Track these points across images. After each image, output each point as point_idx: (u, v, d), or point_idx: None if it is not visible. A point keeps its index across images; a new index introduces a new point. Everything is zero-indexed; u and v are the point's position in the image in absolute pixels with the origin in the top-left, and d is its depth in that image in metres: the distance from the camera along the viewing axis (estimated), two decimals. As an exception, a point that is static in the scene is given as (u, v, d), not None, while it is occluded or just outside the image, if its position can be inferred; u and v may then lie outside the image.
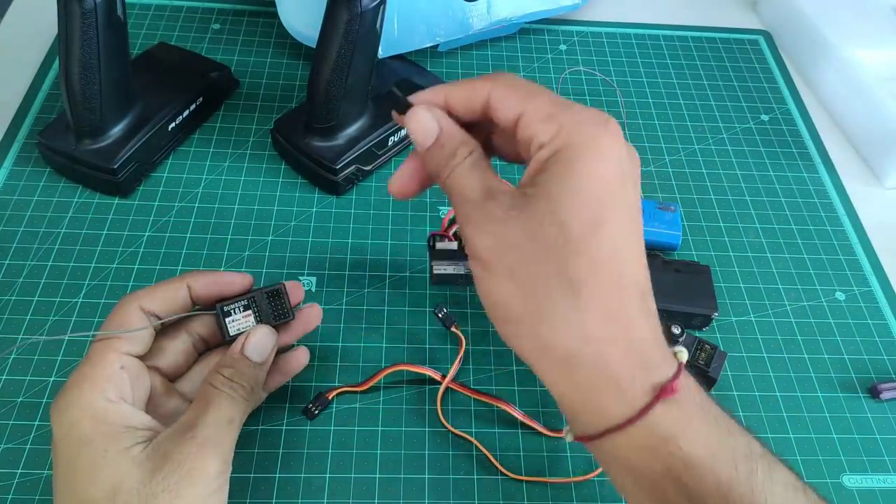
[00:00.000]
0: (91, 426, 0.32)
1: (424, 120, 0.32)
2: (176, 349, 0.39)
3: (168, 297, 0.37)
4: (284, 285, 0.40)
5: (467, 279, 0.45)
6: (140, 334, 0.36)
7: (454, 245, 0.45)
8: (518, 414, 0.43)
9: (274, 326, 0.39)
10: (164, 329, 0.38)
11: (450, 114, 0.33)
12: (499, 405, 0.43)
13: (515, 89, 0.31)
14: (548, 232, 0.28)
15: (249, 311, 0.39)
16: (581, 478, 0.41)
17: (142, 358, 0.36)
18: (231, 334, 0.38)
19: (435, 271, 0.45)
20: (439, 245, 0.45)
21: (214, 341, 0.40)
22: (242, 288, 0.39)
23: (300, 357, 0.41)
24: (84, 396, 0.33)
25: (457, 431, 0.43)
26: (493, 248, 0.30)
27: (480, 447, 0.42)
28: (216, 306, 0.38)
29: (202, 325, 0.40)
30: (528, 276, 0.29)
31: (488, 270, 0.30)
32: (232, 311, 0.39)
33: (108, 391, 0.33)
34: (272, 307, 0.39)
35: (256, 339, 0.38)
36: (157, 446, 0.33)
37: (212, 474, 0.33)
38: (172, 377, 0.39)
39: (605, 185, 0.29)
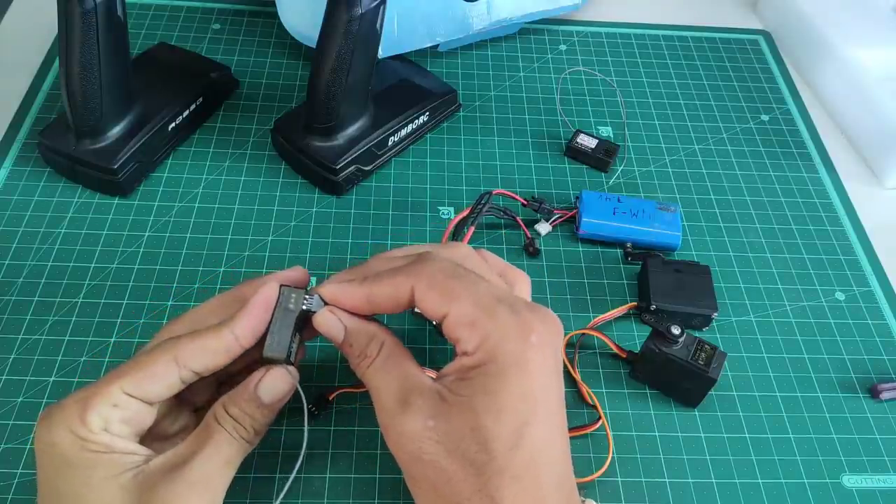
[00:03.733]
0: (73, 450, 0.30)
1: (327, 324, 0.34)
2: (200, 386, 0.36)
3: (209, 348, 0.33)
4: (298, 272, 0.36)
5: None
6: (161, 386, 0.32)
7: None
8: None
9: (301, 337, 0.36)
10: None
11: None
12: None
13: (437, 288, 0.32)
14: (468, 448, 0.29)
15: (297, 334, 0.35)
16: (587, 479, 0.42)
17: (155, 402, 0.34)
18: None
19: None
20: None
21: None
22: (275, 299, 0.34)
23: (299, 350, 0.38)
24: (67, 419, 0.31)
25: None
26: (413, 464, 0.31)
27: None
28: (282, 361, 0.34)
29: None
30: (451, 493, 0.30)
31: (410, 479, 0.32)
32: (292, 350, 0.34)
33: (93, 422, 0.31)
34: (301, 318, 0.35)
35: (272, 381, 0.34)
36: (148, 476, 0.31)
37: None
38: (194, 406, 0.37)
39: (526, 400, 0.30)
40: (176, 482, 0.31)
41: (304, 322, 0.35)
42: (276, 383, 0.34)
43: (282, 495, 0.38)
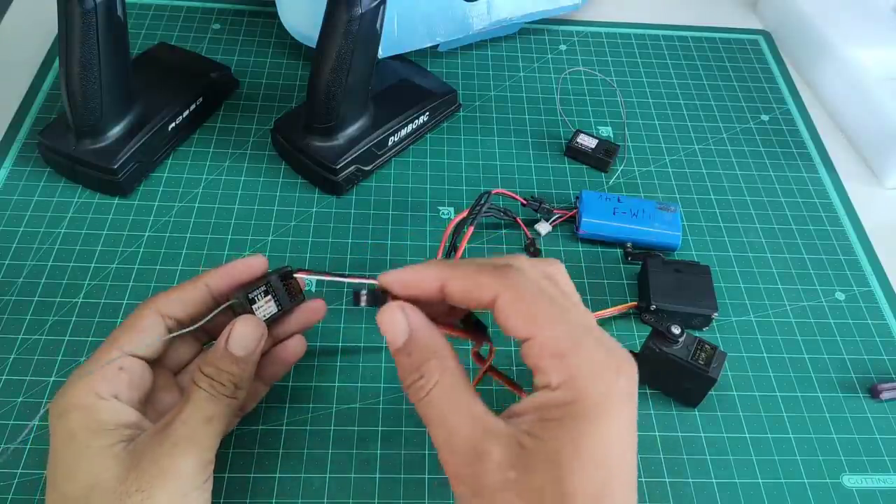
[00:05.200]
0: (78, 421, 0.32)
1: (395, 321, 0.30)
2: (185, 347, 0.39)
3: (186, 299, 0.36)
4: (291, 267, 0.39)
5: None
6: (151, 338, 0.35)
7: None
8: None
9: (284, 311, 0.38)
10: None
11: (436, 303, 0.31)
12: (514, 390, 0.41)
13: (526, 304, 0.29)
14: (548, 501, 0.26)
15: (270, 297, 0.38)
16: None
17: (151, 360, 0.36)
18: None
19: None
20: None
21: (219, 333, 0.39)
22: (261, 270, 0.38)
23: (297, 345, 0.40)
24: (77, 391, 0.33)
25: None
26: None
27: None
28: (237, 295, 0.36)
29: (217, 323, 0.38)
30: None
31: None
32: (256, 298, 0.37)
33: (101, 388, 0.33)
34: (287, 290, 0.38)
35: (239, 332, 0.35)
36: (137, 444, 0.32)
37: (186, 474, 0.32)
38: (175, 371, 0.39)
39: (613, 452, 0.27)
40: (161, 443, 0.32)
41: (287, 298, 0.38)
42: (243, 334, 0.35)
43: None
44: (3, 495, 0.39)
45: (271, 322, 0.38)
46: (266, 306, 0.37)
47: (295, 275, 0.39)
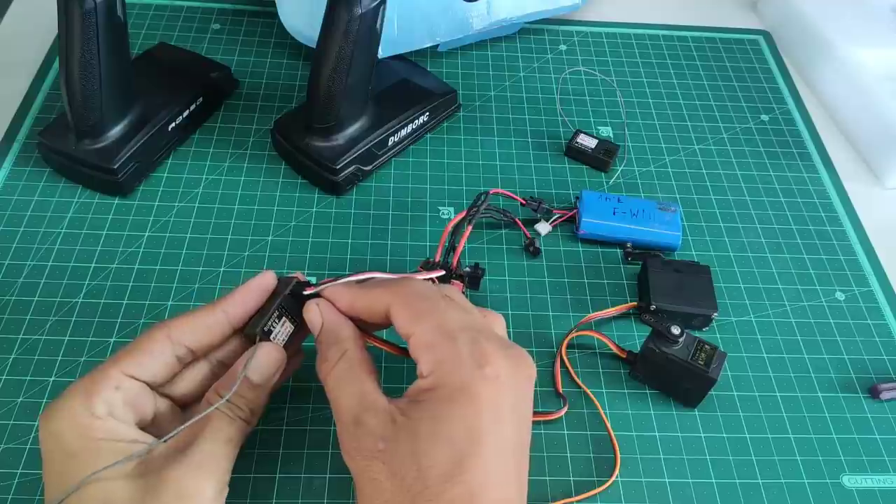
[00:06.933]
0: (76, 440, 0.31)
1: (309, 313, 0.36)
2: (193, 379, 0.37)
3: (201, 325, 0.35)
4: (298, 278, 0.38)
5: None
6: (157, 363, 0.34)
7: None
8: None
9: (298, 327, 0.37)
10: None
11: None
12: None
13: (409, 308, 0.33)
14: (407, 473, 0.29)
15: (284, 318, 0.37)
16: (603, 485, 0.41)
17: (156, 385, 0.35)
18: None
19: None
20: None
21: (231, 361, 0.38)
22: (272, 286, 0.37)
23: (298, 358, 0.40)
24: (71, 408, 0.32)
25: None
26: (360, 477, 0.31)
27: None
28: (256, 330, 0.35)
29: (224, 352, 0.38)
30: None
31: (357, 489, 0.32)
32: (272, 328, 0.36)
33: (97, 407, 0.32)
34: (297, 305, 0.37)
35: (260, 360, 0.35)
36: (150, 465, 0.31)
37: (207, 497, 0.31)
38: (183, 404, 0.37)
39: (470, 432, 0.30)
40: (182, 464, 0.31)
41: (299, 312, 0.37)
42: (263, 362, 0.35)
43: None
44: (3, 495, 0.39)
45: (289, 341, 0.37)
46: (283, 330, 0.37)
47: (306, 291, 0.37)
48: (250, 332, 0.36)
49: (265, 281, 0.37)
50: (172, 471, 0.31)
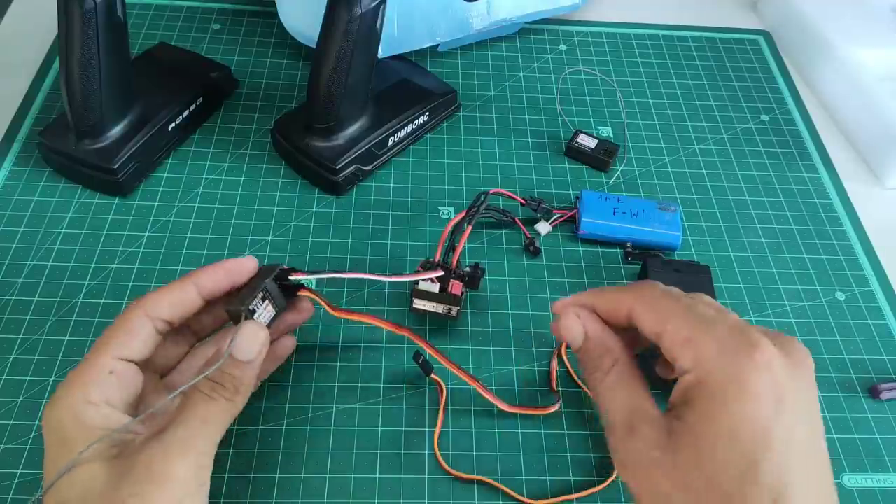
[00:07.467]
0: (71, 426, 0.32)
1: (572, 326, 0.35)
2: (176, 349, 0.39)
3: (175, 300, 0.36)
4: (282, 266, 0.39)
5: (445, 317, 0.45)
6: (140, 340, 0.35)
7: (436, 288, 0.44)
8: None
9: (280, 312, 0.38)
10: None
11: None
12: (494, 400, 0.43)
13: (654, 307, 0.32)
14: (696, 485, 0.27)
15: (267, 301, 0.37)
16: (603, 485, 0.41)
17: (142, 361, 0.36)
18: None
19: (415, 305, 0.45)
20: (422, 286, 0.44)
21: (206, 334, 0.40)
22: (250, 272, 0.38)
23: (288, 343, 0.42)
24: (69, 396, 0.32)
25: (457, 473, 0.41)
26: (642, 492, 0.30)
27: (491, 482, 0.42)
28: (240, 307, 0.36)
29: (204, 324, 0.39)
30: None
31: None
32: (256, 308, 0.37)
33: (92, 393, 0.32)
34: (281, 290, 0.38)
35: (244, 338, 0.35)
36: (131, 449, 0.32)
37: (180, 478, 0.31)
38: (163, 372, 0.39)
39: (752, 426, 0.27)
40: (153, 446, 0.31)
41: (282, 298, 0.38)
42: (247, 338, 0.35)
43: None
44: (3, 495, 0.39)
45: (270, 325, 0.38)
46: (265, 312, 0.37)
47: (291, 276, 0.38)
48: (233, 309, 0.36)
49: (243, 262, 0.38)
50: (144, 454, 0.31)
